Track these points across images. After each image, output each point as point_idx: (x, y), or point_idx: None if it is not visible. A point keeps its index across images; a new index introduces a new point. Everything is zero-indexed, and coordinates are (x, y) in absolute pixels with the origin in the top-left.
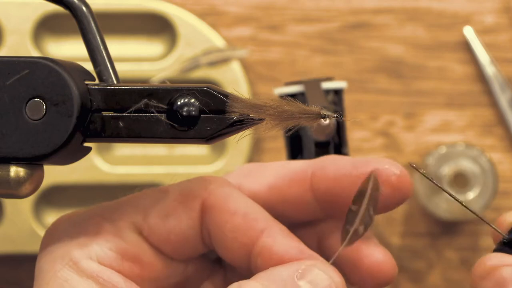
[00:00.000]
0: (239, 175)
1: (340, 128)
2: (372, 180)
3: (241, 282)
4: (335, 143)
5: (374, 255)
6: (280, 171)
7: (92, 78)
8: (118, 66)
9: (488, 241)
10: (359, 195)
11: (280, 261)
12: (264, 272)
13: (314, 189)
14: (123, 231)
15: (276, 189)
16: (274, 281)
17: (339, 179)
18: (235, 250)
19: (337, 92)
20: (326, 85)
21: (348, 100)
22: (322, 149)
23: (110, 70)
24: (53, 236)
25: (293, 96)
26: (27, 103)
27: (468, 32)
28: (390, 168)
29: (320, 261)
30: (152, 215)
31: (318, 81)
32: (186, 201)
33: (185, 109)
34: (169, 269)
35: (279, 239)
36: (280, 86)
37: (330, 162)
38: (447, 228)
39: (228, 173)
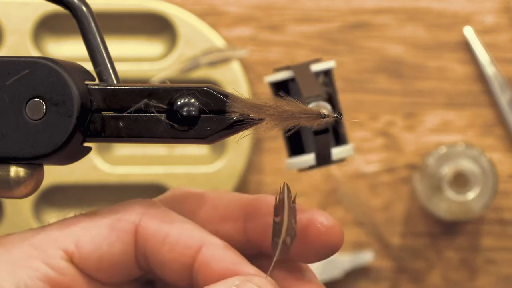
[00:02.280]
0: (172, 200)
1: (334, 107)
2: (286, 191)
3: None
4: (333, 126)
5: (318, 220)
6: (214, 204)
7: (92, 78)
8: (118, 66)
9: (488, 241)
10: (279, 207)
11: (219, 277)
12: None
13: (246, 232)
14: (53, 259)
15: (208, 225)
16: None
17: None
18: (175, 271)
19: (327, 73)
20: (315, 67)
21: (348, 100)
22: (321, 136)
23: (110, 70)
24: None
25: (284, 82)
26: (27, 103)
27: (468, 32)
28: (321, 220)
29: (254, 276)
30: (83, 242)
31: (307, 64)
32: (118, 227)
33: (185, 109)
34: None
35: (217, 254)
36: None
37: (266, 206)
38: (447, 228)
39: (161, 196)
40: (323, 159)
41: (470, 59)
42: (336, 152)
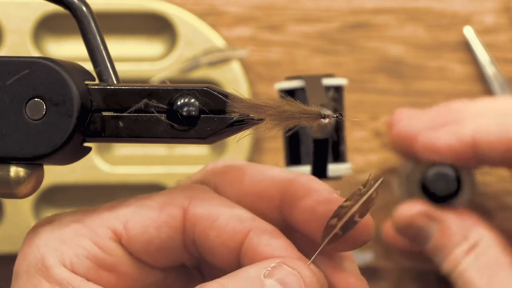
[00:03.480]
0: (215, 173)
1: (338, 126)
2: (376, 185)
3: (203, 284)
4: (333, 141)
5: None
6: (254, 180)
7: (92, 78)
8: (118, 66)
9: None
10: (355, 194)
11: None
12: (234, 272)
13: (281, 212)
14: (102, 239)
15: (246, 199)
16: (239, 280)
17: (307, 212)
18: (223, 255)
19: (338, 89)
20: (326, 81)
21: (348, 100)
22: (320, 146)
23: (110, 70)
24: (31, 239)
25: (293, 91)
26: (27, 103)
27: (468, 32)
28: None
29: (291, 259)
30: (132, 224)
31: (319, 77)
32: (167, 211)
33: (185, 109)
34: (148, 278)
35: (264, 239)
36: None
37: (302, 189)
38: None
39: (204, 168)
40: (319, 173)
41: (470, 59)
42: (333, 168)
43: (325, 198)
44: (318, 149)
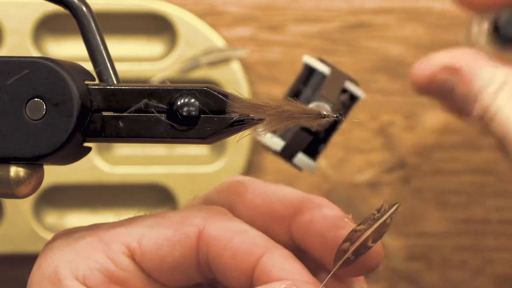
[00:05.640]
0: (229, 192)
1: (332, 127)
2: (392, 210)
3: None
4: (320, 137)
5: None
6: (266, 201)
7: (92, 78)
8: (118, 66)
9: (488, 241)
10: (369, 219)
11: None
12: None
13: (292, 233)
14: (115, 254)
15: (258, 220)
16: None
17: (318, 236)
18: (236, 277)
19: (353, 98)
20: (348, 85)
21: None
22: (306, 133)
23: (110, 70)
24: (47, 250)
25: (314, 71)
26: (27, 103)
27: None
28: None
29: (302, 282)
30: (146, 241)
31: (344, 77)
32: (182, 230)
33: (185, 109)
34: None
35: (278, 263)
36: (280, 86)
37: (316, 214)
38: (447, 228)
39: (220, 185)
40: (285, 154)
41: None
42: (300, 158)
43: (336, 224)
44: (299, 136)
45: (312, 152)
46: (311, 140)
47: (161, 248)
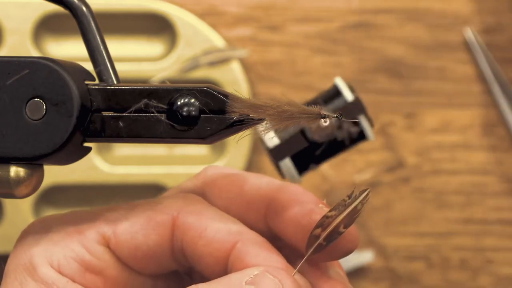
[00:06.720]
0: (207, 181)
1: (329, 153)
2: (362, 197)
3: None
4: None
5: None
6: (242, 189)
7: (92, 78)
8: (118, 66)
9: (488, 241)
10: (340, 205)
11: None
12: (217, 279)
13: (267, 221)
14: (90, 242)
15: (235, 209)
16: (220, 286)
17: (292, 223)
18: (211, 264)
19: (361, 136)
20: (363, 121)
21: None
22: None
23: (110, 70)
24: (23, 239)
25: (339, 94)
26: (27, 103)
27: (468, 32)
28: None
29: (275, 268)
30: (120, 229)
31: (363, 111)
32: (156, 218)
33: (185, 109)
34: (136, 283)
35: (252, 250)
36: (280, 87)
37: (288, 199)
38: (447, 228)
39: (198, 173)
40: (275, 154)
41: (470, 59)
42: (287, 164)
43: (310, 209)
44: (296, 138)
45: (301, 164)
46: (304, 151)
47: (135, 236)
